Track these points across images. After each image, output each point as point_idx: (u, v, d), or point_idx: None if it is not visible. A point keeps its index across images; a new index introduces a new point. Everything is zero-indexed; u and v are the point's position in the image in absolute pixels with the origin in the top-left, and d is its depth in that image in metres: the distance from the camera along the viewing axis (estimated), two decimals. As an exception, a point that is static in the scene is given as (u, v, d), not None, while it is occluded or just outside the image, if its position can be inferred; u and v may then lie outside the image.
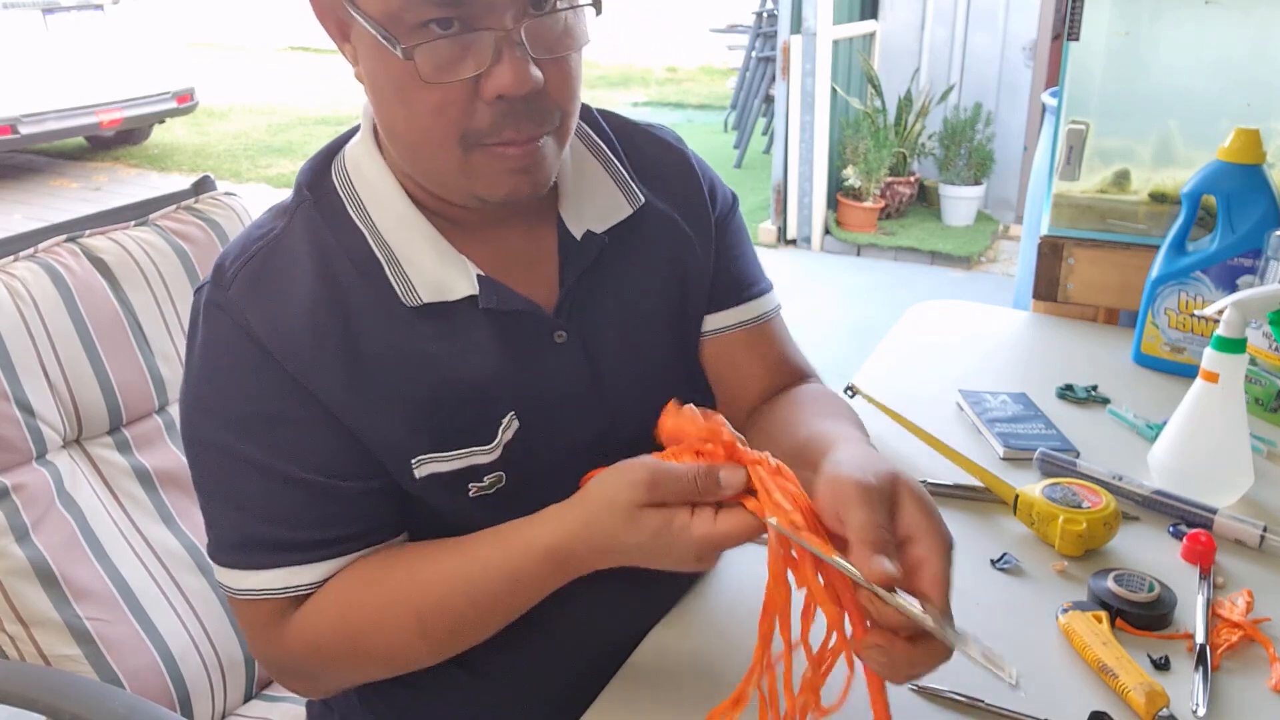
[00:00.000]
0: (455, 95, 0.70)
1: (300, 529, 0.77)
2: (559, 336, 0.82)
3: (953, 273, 4.66)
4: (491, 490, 0.81)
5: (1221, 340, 1.02)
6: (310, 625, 0.78)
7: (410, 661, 0.79)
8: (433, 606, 0.75)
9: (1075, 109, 1.48)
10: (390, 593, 0.77)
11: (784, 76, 4.79)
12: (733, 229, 0.96)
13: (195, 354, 0.78)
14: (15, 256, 1.11)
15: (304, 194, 0.81)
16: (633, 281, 0.87)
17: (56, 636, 1.04)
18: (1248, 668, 0.83)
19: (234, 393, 0.76)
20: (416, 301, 0.77)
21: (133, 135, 7.01)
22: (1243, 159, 1.28)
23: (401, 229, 0.79)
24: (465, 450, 0.79)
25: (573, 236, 0.84)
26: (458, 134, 0.71)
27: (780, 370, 0.96)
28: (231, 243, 0.81)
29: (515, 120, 0.71)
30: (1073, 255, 1.51)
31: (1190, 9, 1.38)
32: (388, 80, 0.71)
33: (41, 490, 1.06)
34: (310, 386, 0.75)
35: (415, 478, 0.79)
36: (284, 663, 0.81)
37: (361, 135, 0.82)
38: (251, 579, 0.78)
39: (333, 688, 0.86)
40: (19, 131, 5.53)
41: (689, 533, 0.65)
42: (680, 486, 0.65)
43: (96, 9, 5.93)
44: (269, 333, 0.75)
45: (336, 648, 0.78)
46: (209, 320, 0.77)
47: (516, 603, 0.75)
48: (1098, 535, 0.96)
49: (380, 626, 0.77)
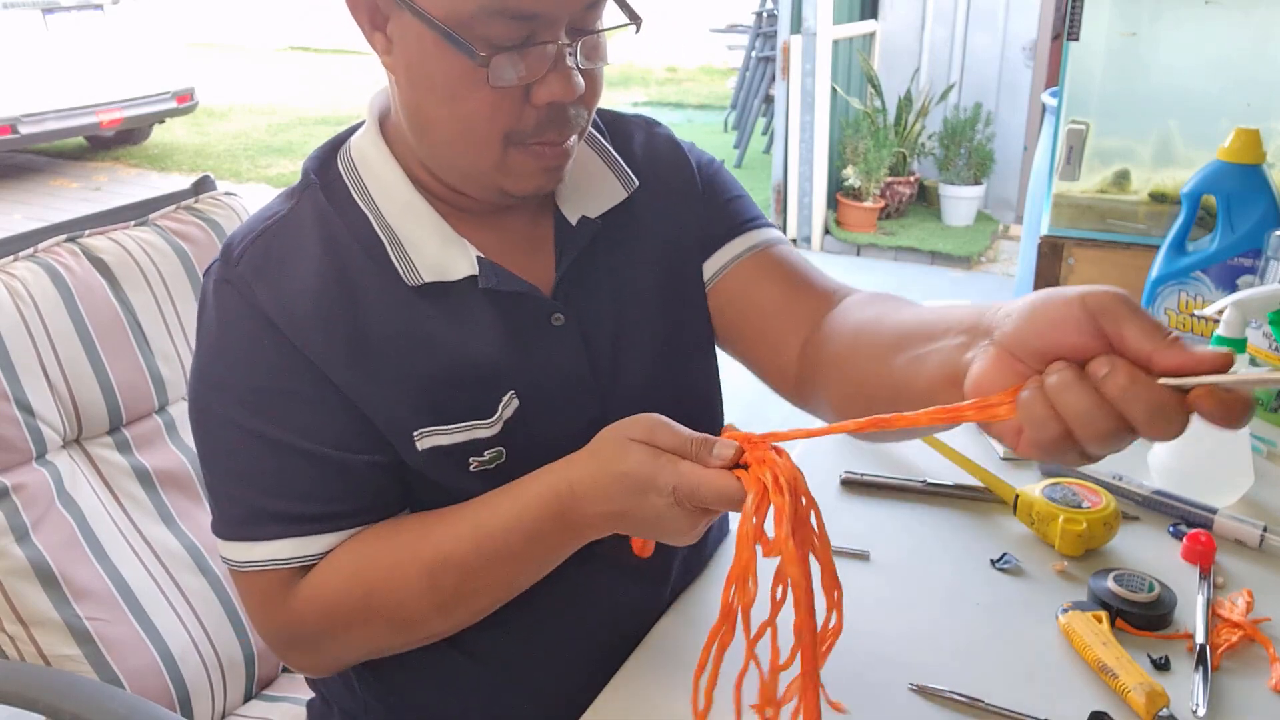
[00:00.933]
0: (509, 98, 0.74)
1: (309, 502, 0.78)
2: (556, 319, 0.84)
3: (953, 273, 4.66)
4: (492, 465, 0.83)
5: (1221, 340, 1.02)
6: (322, 587, 0.78)
7: (419, 619, 0.79)
8: (442, 558, 0.76)
9: (1075, 109, 1.48)
10: (401, 549, 0.78)
11: (784, 76, 4.79)
12: (721, 180, 0.96)
13: (205, 330, 0.80)
14: (15, 256, 1.11)
15: (311, 179, 0.83)
16: (628, 265, 0.89)
17: (56, 636, 1.04)
18: (1248, 668, 0.83)
19: (243, 368, 0.78)
20: (418, 281, 0.79)
21: (133, 135, 7.01)
22: (1243, 159, 1.28)
23: (405, 212, 0.81)
24: (466, 424, 0.81)
25: (568, 222, 0.87)
26: (503, 133, 0.75)
27: (808, 293, 0.89)
28: (239, 224, 0.84)
29: (558, 123, 0.76)
30: (1073, 255, 1.51)
31: (1190, 9, 1.38)
32: (441, 77, 0.73)
33: (41, 490, 1.06)
34: (316, 361, 0.77)
35: (417, 450, 0.80)
36: (291, 633, 0.81)
37: (367, 128, 0.84)
38: (259, 550, 0.79)
39: (337, 660, 0.85)
40: (19, 131, 5.52)
41: (674, 468, 0.66)
42: (676, 441, 0.68)
43: (96, 9, 5.92)
44: (276, 309, 0.77)
45: (348, 608, 0.78)
46: (218, 297, 0.79)
47: (521, 551, 0.75)
48: (1098, 535, 0.96)
49: (390, 581, 0.77)
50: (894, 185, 5.02)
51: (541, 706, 0.91)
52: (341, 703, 0.97)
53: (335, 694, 0.97)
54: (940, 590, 0.94)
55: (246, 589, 0.82)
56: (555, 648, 0.89)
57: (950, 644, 0.86)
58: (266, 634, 0.83)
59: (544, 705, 0.91)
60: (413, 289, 0.80)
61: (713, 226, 0.93)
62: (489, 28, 0.70)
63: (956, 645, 0.86)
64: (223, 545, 0.81)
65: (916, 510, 1.06)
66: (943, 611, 0.91)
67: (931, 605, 0.92)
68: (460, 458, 0.82)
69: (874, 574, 0.96)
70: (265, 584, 0.80)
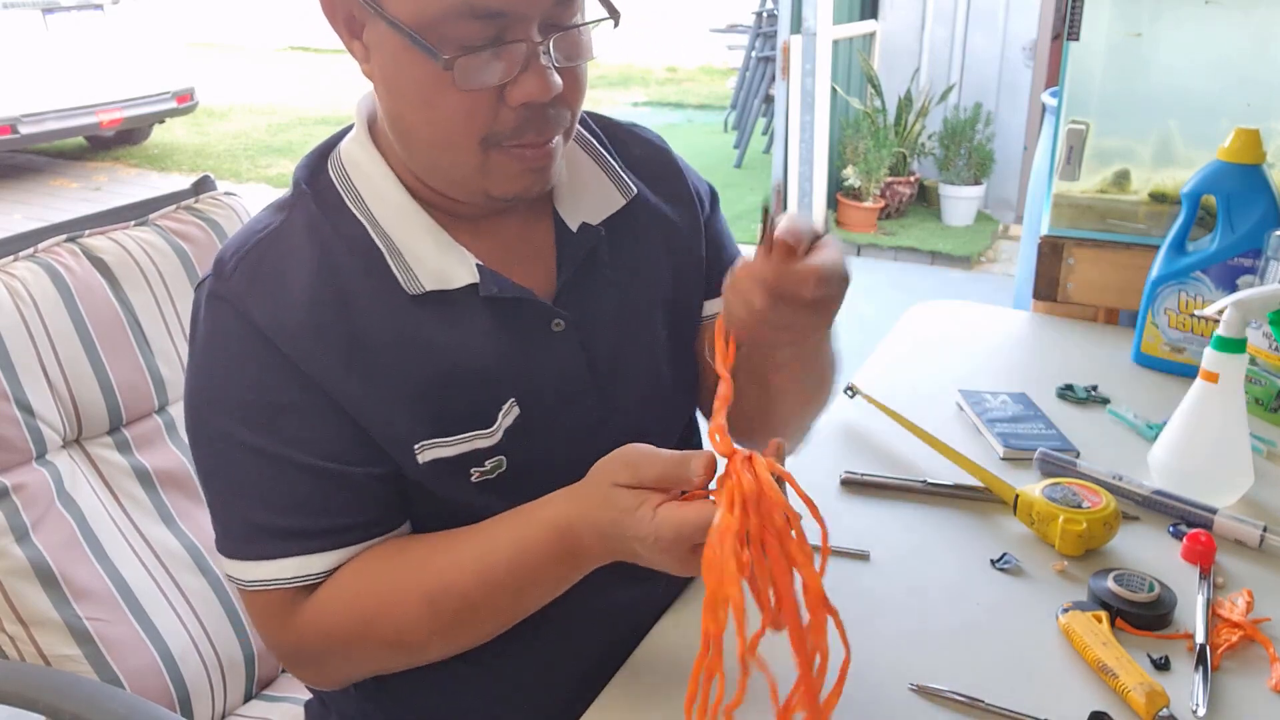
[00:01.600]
0: (483, 100, 0.73)
1: (309, 517, 0.78)
2: (556, 325, 0.84)
3: (953, 273, 4.66)
4: (493, 475, 0.83)
5: (1221, 340, 1.02)
6: (323, 609, 0.79)
7: (419, 645, 0.79)
8: (443, 587, 0.77)
9: (1075, 109, 1.47)
10: (402, 576, 0.78)
11: (784, 76, 4.78)
12: (719, 223, 1.00)
13: (198, 347, 0.79)
14: (15, 256, 1.11)
15: (302, 188, 0.82)
16: (627, 272, 0.89)
17: (56, 636, 1.04)
18: (1248, 668, 0.83)
19: (238, 382, 0.77)
20: (419, 289, 0.79)
21: (133, 135, 7.00)
22: (1243, 159, 1.28)
23: (400, 220, 0.81)
24: (467, 435, 0.81)
25: (569, 228, 0.86)
26: (480, 136, 0.75)
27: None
28: (230, 237, 0.83)
29: (536, 124, 0.75)
30: (1073, 255, 1.51)
31: (1190, 9, 1.38)
32: (412, 83, 0.73)
33: (41, 490, 1.06)
34: (313, 374, 0.76)
35: (419, 463, 0.80)
36: (296, 650, 0.82)
37: (356, 132, 0.84)
38: (261, 569, 0.78)
39: (343, 677, 0.86)
40: (19, 131, 5.52)
41: (650, 522, 0.67)
42: (659, 470, 0.69)
43: (96, 9, 5.92)
44: (270, 322, 0.76)
45: (348, 632, 0.79)
46: (211, 312, 0.78)
47: (523, 583, 0.76)
48: (1098, 535, 0.96)
49: (390, 609, 0.77)
50: (894, 185, 5.03)
51: (538, 709, 0.91)
52: (339, 705, 0.97)
53: (332, 696, 0.97)
54: (940, 590, 0.94)
55: (252, 606, 0.81)
56: (552, 651, 0.89)
57: (950, 644, 0.86)
58: (274, 649, 0.84)
59: (541, 708, 0.91)
60: (411, 297, 0.79)
61: (713, 273, 0.96)
62: (457, 29, 0.70)
63: (956, 645, 0.86)
64: (227, 563, 0.80)
65: (916, 510, 1.06)
66: (943, 611, 0.91)
67: (931, 605, 0.92)
68: (462, 469, 0.81)
69: (874, 574, 0.96)
70: (269, 603, 0.79)
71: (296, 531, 0.78)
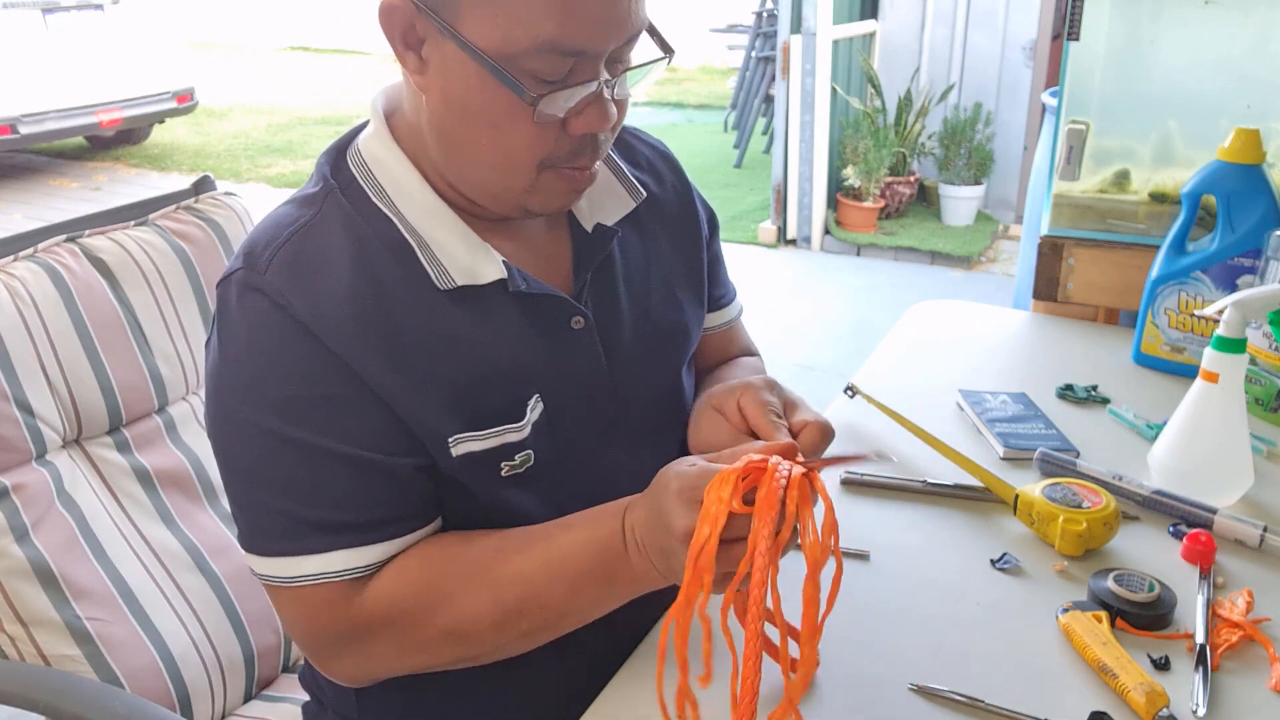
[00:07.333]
0: (549, 129, 0.76)
1: (354, 510, 0.78)
2: (576, 322, 0.86)
3: (953, 273, 4.66)
4: (522, 469, 0.84)
5: (1221, 340, 1.02)
6: (385, 594, 0.79)
7: (477, 637, 0.79)
8: (509, 578, 0.78)
9: (1075, 109, 1.47)
10: (469, 566, 0.79)
11: (784, 76, 4.78)
12: (716, 248, 1.07)
13: (230, 339, 0.78)
14: (15, 256, 1.11)
15: (330, 182, 0.83)
16: (639, 271, 0.93)
17: (56, 636, 1.04)
18: (1248, 668, 0.83)
19: (278, 375, 0.76)
20: (450, 285, 0.80)
21: (133, 135, 7.00)
22: (1243, 159, 1.28)
23: (428, 217, 0.82)
24: (498, 429, 0.82)
25: (584, 230, 0.89)
26: (538, 159, 0.77)
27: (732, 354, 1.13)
28: (257, 232, 0.82)
29: (590, 149, 0.79)
30: (1073, 255, 1.51)
31: (1190, 9, 1.38)
32: (484, 107, 0.75)
33: (41, 490, 1.06)
34: (354, 366, 0.77)
35: (452, 456, 0.81)
36: (347, 637, 0.80)
37: (375, 129, 0.84)
38: (308, 564, 0.78)
39: (385, 668, 0.84)
40: (19, 131, 5.51)
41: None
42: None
43: (96, 9, 5.92)
44: (311, 314, 0.76)
45: (411, 618, 0.79)
46: (244, 304, 0.77)
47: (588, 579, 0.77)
48: (1098, 535, 0.96)
49: (455, 597, 0.78)
50: (894, 185, 5.02)
51: (539, 707, 0.91)
52: (337, 706, 0.97)
53: (331, 697, 0.97)
54: (940, 590, 0.94)
55: (293, 603, 0.80)
56: (552, 648, 0.89)
57: (950, 644, 0.86)
58: (314, 643, 0.82)
59: (541, 706, 0.91)
60: (442, 292, 0.80)
61: (714, 288, 1.06)
62: (535, 62, 0.72)
63: (956, 645, 0.86)
64: (260, 561, 0.79)
65: (916, 510, 1.06)
66: (943, 611, 0.91)
67: (931, 605, 0.92)
68: (493, 463, 0.82)
69: (874, 574, 0.96)
70: (319, 597, 0.79)
71: (341, 525, 0.77)
